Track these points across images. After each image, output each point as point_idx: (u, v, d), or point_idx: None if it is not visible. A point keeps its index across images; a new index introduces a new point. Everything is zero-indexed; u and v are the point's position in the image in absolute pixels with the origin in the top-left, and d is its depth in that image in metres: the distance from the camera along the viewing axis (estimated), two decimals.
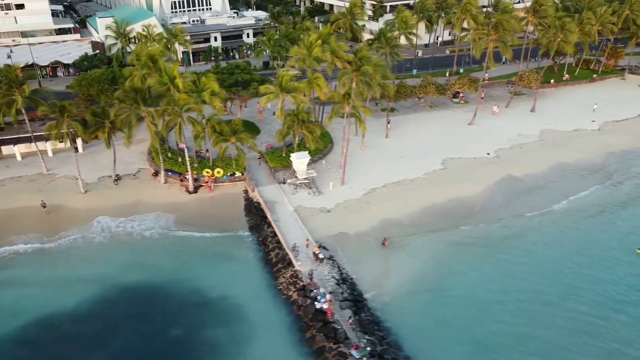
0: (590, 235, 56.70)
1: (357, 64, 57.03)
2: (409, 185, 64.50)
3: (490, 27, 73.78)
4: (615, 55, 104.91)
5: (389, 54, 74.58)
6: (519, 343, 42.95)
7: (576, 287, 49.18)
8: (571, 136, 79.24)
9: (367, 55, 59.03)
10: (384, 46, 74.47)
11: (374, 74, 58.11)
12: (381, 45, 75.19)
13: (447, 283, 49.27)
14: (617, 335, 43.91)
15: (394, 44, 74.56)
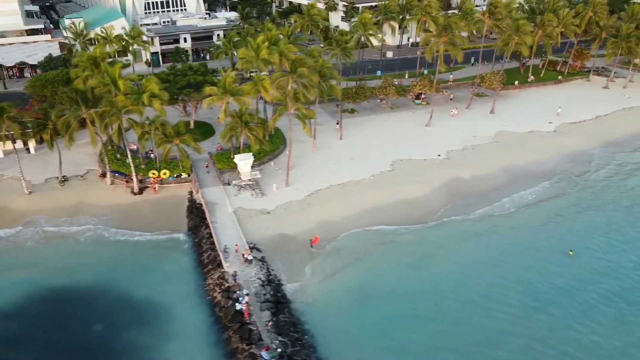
0: (527, 236, 57.06)
1: (292, 66, 57.24)
2: (354, 187, 64.79)
3: (440, 29, 74.03)
4: (581, 57, 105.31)
5: (339, 55, 74.77)
6: (437, 345, 43.23)
7: (504, 287, 49.55)
8: (526, 138, 79.55)
9: (301, 57, 59.27)
10: (334, 48, 74.70)
11: (310, 75, 58.28)
12: (331, 47, 75.42)
13: (375, 285, 49.50)
14: (535, 335, 44.25)
15: (345, 46, 74.74)
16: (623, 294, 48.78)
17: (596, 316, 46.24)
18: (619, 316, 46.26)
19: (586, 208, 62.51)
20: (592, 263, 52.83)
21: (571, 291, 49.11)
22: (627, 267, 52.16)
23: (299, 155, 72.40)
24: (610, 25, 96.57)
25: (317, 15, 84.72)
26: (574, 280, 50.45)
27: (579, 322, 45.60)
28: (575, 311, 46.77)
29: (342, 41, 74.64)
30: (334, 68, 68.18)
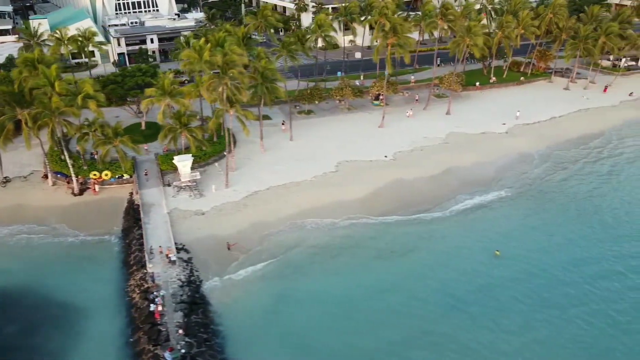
0: (458, 237, 57.22)
1: (224, 68, 57.47)
2: (294, 188, 65.00)
3: (387, 30, 74.28)
4: (544, 58, 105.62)
5: (286, 57, 74.98)
6: (351, 345, 43.39)
7: (427, 287, 49.78)
8: (477, 139, 79.77)
9: (233, 59, 59.46)
10: (280, 49, 74.89)
11: (242, 77, 58.54)
12: (277, 48, 75.61)
13: (298, 288, 49.66)
14: (451, 333, 44.57)
15: (290, 47, 74.90)
16: (542, 293, 49.01)
17: (512, 315, 46.48)
18: (529, 315, 46.49)
19: (523, 209, 62.68)
20: (517, 263, 53.03)
21: (491, 290, 49.36)
22: (552, 268, 52.32)
23: (246, 156, 72.84)
24: (569, 26, 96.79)
25: (270, 16, 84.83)
26: (495, 279, 50.72)
27: (494, 320, 45.85)
28: (492, 310, 47.02)
29: (288, 43, 74.70)
30: (293, 69, 68.25)
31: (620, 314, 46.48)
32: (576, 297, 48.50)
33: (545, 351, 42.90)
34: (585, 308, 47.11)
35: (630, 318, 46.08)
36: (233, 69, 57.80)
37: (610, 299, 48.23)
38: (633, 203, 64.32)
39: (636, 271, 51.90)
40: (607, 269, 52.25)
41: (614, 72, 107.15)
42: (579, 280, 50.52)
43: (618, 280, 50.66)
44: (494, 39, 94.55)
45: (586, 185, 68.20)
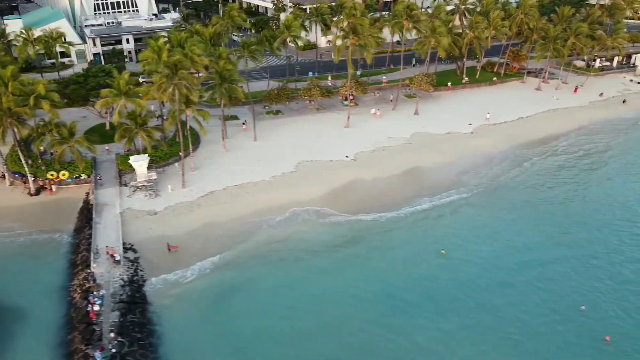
0: (408, 237, 57.30)
1: (172, 68, 57.65)
2: (251, 188, 65.14)
3: (347, 31, 74.48)
4: (517, 59, 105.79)
5: (247, 57, 75.08)
6: (285, 354, 43.37)
7: (369, 288, 49.87)
8: (442, 139, 79.92)
9: (181, 59, 59.61)
10: (241, 50, 75.00)
11: (191, 77, 58.76)
12: (238, 49, 75.71)
13: (242, 289, 49.53)
14: (390, 334, 44.67)
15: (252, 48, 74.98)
16: (482, 293, 49.20)
17: (450, 315, 46.68)
18: (466, 315, 46.75)
19: (476, 209, 62.75)
20: (462, 262, 53.18)
21: (432, 290, 49.54)
22: (496, 268, 52.51)
23: (207, 156, 73.03)
24: (540, 27, 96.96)
25: (237, 17, 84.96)
26: (437, 279, 50.89)
27: (431, 320, 46.05)
28: (430, 309, 47.22)
29: (249, 43, 74.84)
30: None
31: (555, 314, 46.71)
32: (515, 297, 48.61)
33: (478, 351, 43.05)
34: (522, 308, 47.22)
35: (565, 319, 46.21)
36: (182, 69, 57.83)
37: (549, 300, 48.29)
38: (587, 204, 64.54)
39: (579, 272, 52.07)
40: (553, 271, 52.26)
41: (588, 72, 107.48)
42: (520, 281, 50.69)
43: (561, 282, 50.72)
44: (464, 39, 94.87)
45: (542, 186, 68.36)
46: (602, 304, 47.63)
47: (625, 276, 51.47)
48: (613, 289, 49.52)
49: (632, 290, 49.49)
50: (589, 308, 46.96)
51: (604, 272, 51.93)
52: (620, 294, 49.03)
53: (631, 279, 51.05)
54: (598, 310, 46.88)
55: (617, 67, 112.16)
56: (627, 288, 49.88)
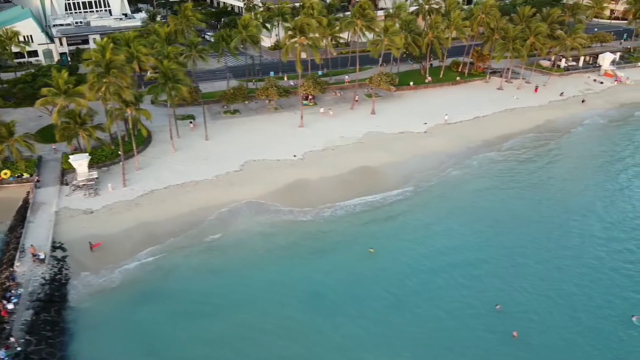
0: (339, 237, 57.28)
1: (106, 67, 57.74)
2: (192, 187, 65.18)
3: (295, 30, 74.59)
4: (481, 58, 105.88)
5: (195, 57, 75.17)
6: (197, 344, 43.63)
7: (291, 288, 49.87)
8: (394, 139, 79.91)
9: (115, 58, 59.69)
10: (188, 50, 75.04)
11: (124, 76, 58.90)
12: (185, 49, 75.70)
13: (162, 290, 49.33)
14: (307, 334, 44.85)
15: (200, 48, 75.16)
16: (403, 291, 49.39)
17: (368, 312, 46.92)
18: (384, 312, 47.04)
19: (416, 209, 62.72)
20: (388, 261, 53.31)
21: (354, 288, 49.69)
22: (422, 266, 52.58)
23: (156, 155, 73.11)
24: (500, 27, 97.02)
25: (192, 16, 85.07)
26: (362, 277, 51.05)
27: (350, 317, 46.28)
28: (349, 308, 47.41)
29: (195, 43, 74.96)
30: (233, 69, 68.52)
31: (471, 310, 46.96)
32: (436, 295, 48.79)
33: (389, 347, 43.16)
34: (441, 306, 47.43)
35: (479, 315, 46.38)
36: (115, 68, 57.93)
37: (469, 297, 48.43)
38: (527, 203, 64.62)
39: (505, 271, 52.14)
40: (479, 270, 52.28)
41: (552, 72, 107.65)
42: (445, 279, 50.82)
43: (484, 280, 50.77)
44: (424, 39, 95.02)
45: (484, 186, 68.22)
46: (518, 301, 47.76)
47: (548, 274, 51.58)
48: (533, 286, 49.62)
49: (551, 288, 49.58)
50: (505, 305, 47.04)
51: (529, 270, 52.06)
52: (539, 291, 49.15)
53: (553, 277, 51.12)
54: (513, 307, 47.00)
55: (583, 67, 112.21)
56: (548, 285, 49.98)
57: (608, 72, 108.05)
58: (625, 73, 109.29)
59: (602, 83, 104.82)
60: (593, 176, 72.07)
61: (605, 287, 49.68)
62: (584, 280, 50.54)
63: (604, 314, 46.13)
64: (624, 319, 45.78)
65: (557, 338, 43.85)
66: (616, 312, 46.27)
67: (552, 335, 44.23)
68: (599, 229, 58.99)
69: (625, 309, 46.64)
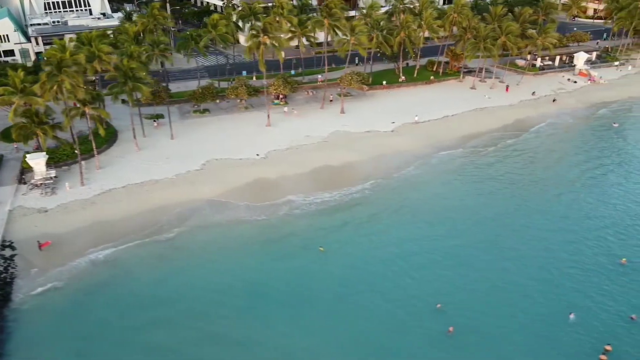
0: (293, 235, 57.34)
1: (57, 67, 57.78)
2: (150, 186, 65.15)
3: (257, 30, 74.65)
4: (456, 58, 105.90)
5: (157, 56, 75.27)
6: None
7: (236, 285, 50.06)
8: (360, 138, 79.92)
9: (65, 57, 59.73)
10: (149, 49, 75.06)
11: (77, 76, 58.96)
12: (147, 49, 75.66)
13: (108, 291, 49.28)
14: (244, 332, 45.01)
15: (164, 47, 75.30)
16: (348, 287, 49.64)
17: (308, 307, 47.23)
18: (325, 307, 47.42)
19: (371, 207, 62.53)
20: (338, 259, 53.50)
21: (300, 284, 49.93)
22: (369, 264, 52.77)
23: (119, 154, 73.17)
24: (472, 26, 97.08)
25: (159, 15, 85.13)
26: (310, 275, 51.24)
27: (291, 313, 46.58)
28: (292, 303, 47.79)
29: (159, 42, 75.01)
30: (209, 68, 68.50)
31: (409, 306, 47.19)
32: (377, 290, 49.08)
33: (325, 341, 43.31)
34: (381, 301, 47.68)
35: (419, 312, 46.64)
36: (67, 67, 57.98)
37: (407, 299, 48.30)
38: (481, 199, 64.85)
39: (449, 266, 52.37)
40: (423, 264, 52.65)
41: (527, 71, 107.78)
42: (389, 274, 50.97)
43: (427, 275, 51.06)
44: (395, 38, 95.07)
45: (442, 184, 68.53)
46: (460, 298, 47.94)
47: (493, 272, 51.74)
48: (476, 284, 49.79)
49: (494, 285, 49.77)
50: (445, 301, 47.17)
51: (475, 268, 52.22)
52: (481, 288, 49.34)
53: (497, 274, 51.31)
54: (453, 304, 47.14)
55: (559, 66, 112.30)
56: (491, 283, 50.14)
57: (582, 71, 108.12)
58: (601, 73, 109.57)
59: (575, 82, 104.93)
60: (549, 174, 72.30)
61: (547, 286, 49.69)
62: (526, 279, 50.57)
63: (541, 312, 46.19)
64: (561, 317, 45.68)
65: (490, 334, 43.91)
66: (552, 310, 46.28)
67: (486, 331, 44.28)
68: (550, 227, 59.06)
69: (562, 308, 46.56)
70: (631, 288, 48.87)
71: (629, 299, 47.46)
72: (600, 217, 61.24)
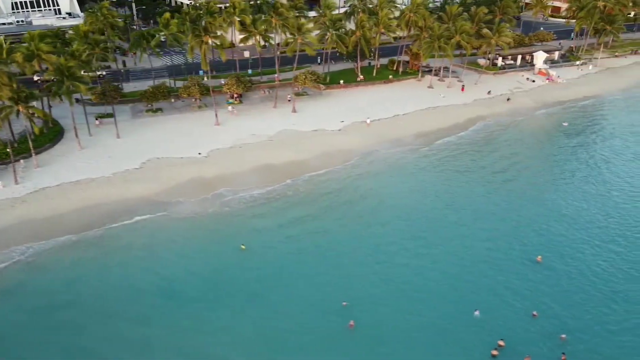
0: (208, 236, 57.34)
1: None
2: (85, 185, 65.20)
3: (199, 29, 74.91)
4: (415, 57, 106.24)
5: (97, 56, 75.51)
6: None
7: (149, 283, 50.21)
8: (306, 137, 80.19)
9: None
10: (89, 48, 75.19)
11: (1, 74, 59.29)
12: (87, 47, 75.72)
13: (26, 292, 49.34)
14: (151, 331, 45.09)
15: (104, 46, 75.56)
16: (260, 284, 49.91)
17: (220, 305, 47.41)
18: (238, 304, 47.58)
19: (298, 207, 62.39)
20: (258, 257, 53.63)
21: (216, 282, 50.16)
22: (286, 262, 52.84)
23: (61, 153, 73.41)
24: (428, 25, 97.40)
25: (108, 14, 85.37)
26: (228, 272, 51.47)
27: (204, 311, 46.66)
28: (205, 301, 47.91)
29: (98, 40, 75.31)
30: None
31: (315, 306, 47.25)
32: (290, 290, 49.11)
33: (232, 341, 43.55)
34: (290, 300, 47.81)
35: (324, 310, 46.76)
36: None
37: (315, 298, 48.36)
38: (412, 199, 65.02)
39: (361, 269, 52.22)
40: (337, 265, 52.62)
41: (487, 71, 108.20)
42: (304, 274, 51.09)
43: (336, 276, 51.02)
44: (350, 37, 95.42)
45: (375, 184, 68.27)
46: (368, 294, 48.28)
47: (406, 267, 52.11)
48: (389, 278, 50.18)
49: (405, 282, 50.06)
50: (354, 298, 47.39)
51: (391, 265, 52.57)
52: (393, 283, 49.68)
53: (409, 271, 51.57)
54: (361, 299, 47.40)
55: (521, 65, 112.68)
56: (402, 277, 50.59)
57: (542, 70, 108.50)
58: (563, 72, 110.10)
59: (533, 82, 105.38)
60: (483, 173, 72.24)
61: (459, 282, 49.79)
62: (440, 276, 50.59)
63: (447, 309, 46.36)
64: (466, 314, 45.78)
65: (392, 329, 44.09)
66: (459, 307, 46.47)
67: (389, 327, 44.46)
68: (474, 225, 59.14)
69: (469, 305, 46.53)
70: (541, 285, 49.08)
71: (537, 296, 47.68)
72: (526, 215, 61.28)
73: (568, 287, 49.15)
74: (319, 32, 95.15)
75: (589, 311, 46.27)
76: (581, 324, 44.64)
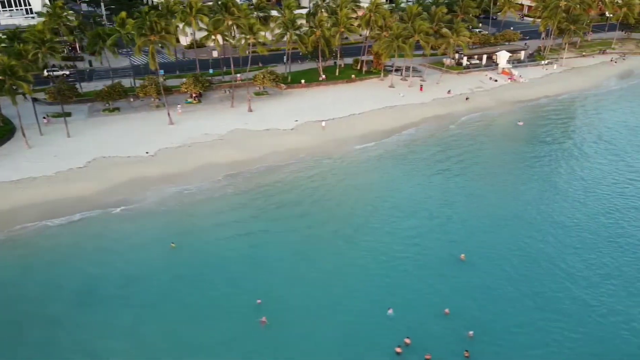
0: (138, 234, 57.39)
1: None
2: (26, 184, 65.26)
3: (146, 29, 75.01)
4: (379, 56, 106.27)
5: (43, 54, 75.64)
6: None
7: (71, 284, 50.23)
8: (257, 136, 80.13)
9: None
10: (35, 47, 75.41)
11: None
12: (32, 46, 75.88)
13: None
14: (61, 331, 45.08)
15: (52, 45, 75.71)
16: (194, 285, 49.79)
17: (145, 306, 47.33)
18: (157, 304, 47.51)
19: (236, 207, 62.48)
20: (192, 256, 53.73)
21: (141, 282, 50.07)
22: (219, 263, 52.82)
23: (7, 152, 73.76)
24: (387, 25, 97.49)
25: (64, 17, 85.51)
26: (162, 271, 51.58)
27: (121, 312, 46.64)
28: (124, 302, 47.84)
29: (47, 39, 75.51)
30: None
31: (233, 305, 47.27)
32: (223, 290, 48.95)
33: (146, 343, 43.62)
34: (219, 299, 47.76)
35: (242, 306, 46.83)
36: None
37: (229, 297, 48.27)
38: (346, 197, 65.15)
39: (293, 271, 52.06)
40: (270, 264, 52.70)
41: (452, 70, 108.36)
42: (236, 275, 50.93)
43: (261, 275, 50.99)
44: (310, 37, 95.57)
45: (316, 183, 68.31)
46: (285, 292, 48.24)
47: (327, 264, 52.27)
48: (310, 276, 50.26)
49: (326, 279, 50.10)
50: (269, 296, 47.46)
51: (312, 260, 52.90)
52: (313, 281, 49.68)
53: (331, 268, 51.67)
54: (277, 298, 47.49)
55: (486, 65, 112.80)
56: (324, 274, 50.70)
57: (505, 70, 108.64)
58: (528, 72, 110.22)
59: (496, 81, 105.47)
60: (428, 172, 72.04)
61: (378, 280, 49.76)
62: (360, 274, 50.69)
63: (362, 307, 46.32)
64: (380, 312, 45.72)
65: (303, 327, 44.15)
66: (374, 306, 46.38)
67: (300, 324, 44.57)
68: (402, 224, 58.93)
69: (384, 303, 46.55)
70: (459, 283, 49.06)
71: (453, 295, 47.63)
72: (459, 211, 61.26)
73: (488, 285, 49.13)
74: (279, 31, 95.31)
75: (503, 309, 46.26)
76: (491, 321, 44.67)
